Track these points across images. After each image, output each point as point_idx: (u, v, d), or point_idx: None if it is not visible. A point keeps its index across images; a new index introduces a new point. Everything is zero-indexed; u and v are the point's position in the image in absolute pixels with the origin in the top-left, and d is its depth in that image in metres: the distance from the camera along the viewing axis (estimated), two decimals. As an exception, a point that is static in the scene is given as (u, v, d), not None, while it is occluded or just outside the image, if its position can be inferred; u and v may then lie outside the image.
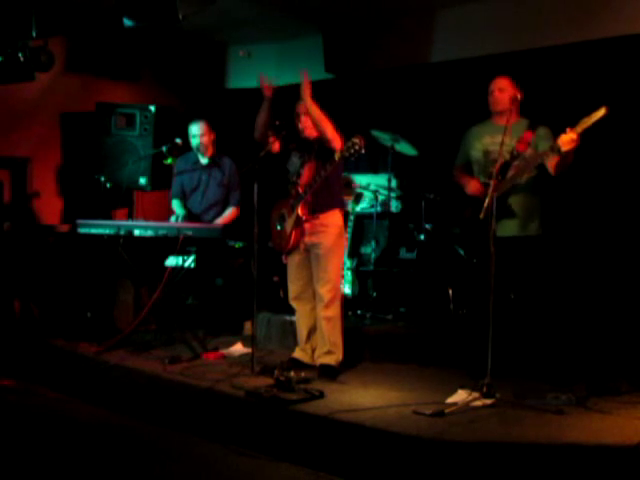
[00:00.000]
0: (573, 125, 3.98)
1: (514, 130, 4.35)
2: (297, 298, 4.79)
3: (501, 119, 4.46)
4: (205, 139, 5.76)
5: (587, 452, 3.25)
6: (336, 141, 4.43)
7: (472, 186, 4.57)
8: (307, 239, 4.62)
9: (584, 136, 3.98)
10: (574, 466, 3.21)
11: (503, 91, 4.49)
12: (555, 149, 4.02)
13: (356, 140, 4.25)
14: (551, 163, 4.25)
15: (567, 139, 3.94)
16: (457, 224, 5.35)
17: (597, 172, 5.40)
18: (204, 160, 5.89)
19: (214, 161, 5.88)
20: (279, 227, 4.74)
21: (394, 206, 6.51)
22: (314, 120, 4.52)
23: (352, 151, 4.25)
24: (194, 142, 5.77)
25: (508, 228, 4.36)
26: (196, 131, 5.75)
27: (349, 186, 6.20)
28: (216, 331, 5.73)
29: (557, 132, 4.20)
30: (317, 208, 4.60)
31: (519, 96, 4.26)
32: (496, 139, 4.36)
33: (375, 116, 6.78)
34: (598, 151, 5.06)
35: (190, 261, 5.26)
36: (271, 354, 5.23)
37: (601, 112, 3.85)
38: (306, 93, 4.48)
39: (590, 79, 5.52)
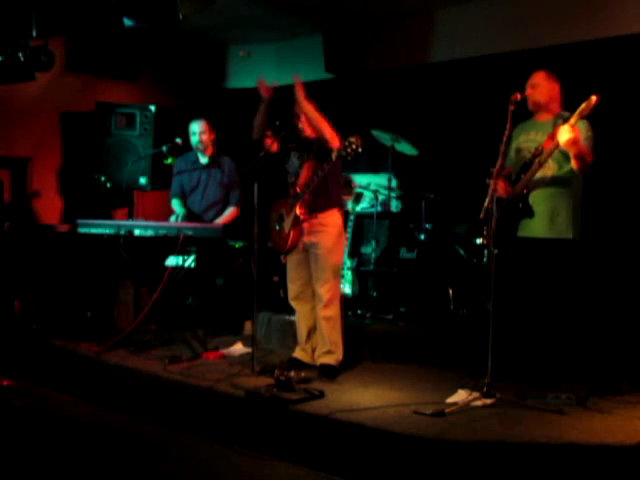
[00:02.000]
0: None
1: (548, 126, 4.19)
2: (297, 298, 4.79)
3: (540, 115, 4.30)
4: (205, 137, 5.76)
5: (587, 452, 3.25)
6: (334, 140, 4.44)
7: (497, 188, 4.32)
8: (306, 239, 4.62)
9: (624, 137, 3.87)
10: (574, 466, 3.21)
11: (536, 87, 4.25)
12: (554, 144, 3.98)
13: (353, 139, 4.26)
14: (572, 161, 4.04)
15: (562, 131, 3.85)
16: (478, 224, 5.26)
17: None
18: (204, 160, 5.88)
19: (214, 160, 5.88)
20: (278, 227, 4.74)
21: (394, 206, 6.52)
22: (310, 121, 4.54)
23: (349, 150, 4.26)
24: (194, 140, 5.77)
25: (531, 228, 4.21)
26: (196, 129, 5.75)
27: (349, 186, 6.20)
28: (216, 331, 5.73)
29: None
30: (316, 208, 4.60)
31: (518, 96, 4.12)
32: (530, 136, 4.26)
33: (375, 116, 6.79)
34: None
35: (190, 261, 5.26)
36: (271, 354, 5.23)
37: (591, 100, 3.80)
38: (300, 95, 4.49)
39: (590, 79, 5.51)
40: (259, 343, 5.28)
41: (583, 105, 3.84)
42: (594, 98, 3.79)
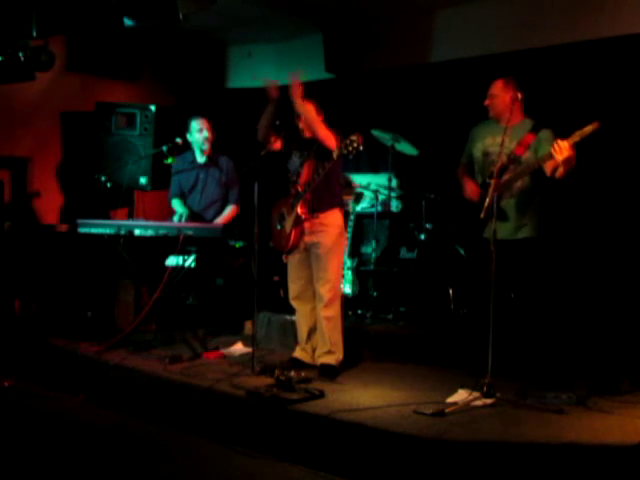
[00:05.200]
0: (572, 127, 3.98)
1: (515, 131, 4.30)
2: (297, 298, 4.79)
3: (504, 120, 4.34)
4: (208, 134, 5.76)
5: (587, 452, 3.25)
6: (329, 140, 4.43)
7: (468, 189, 4.55)
8: (307, 238, 4.62)
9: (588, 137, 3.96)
10: (574, 466, 3.21)
11: (494, 97, 4.43)
12: (550, 158, 4.02)
13: (354, 137, 4.25)
14: (551, 168, 4.15)
15: (560, 149, 3.90)
16: (461, 224, 5.30)
17: (597, 173, 5.38)
18: (201, 159, 5.88)
19: (211, 159, 5.87)
20: (279, 226, 4.74)
21: (394, 206, 6.52)
22: (305, 121, 4.54)
23: (350, 149, 4.25)
24: (196, 136, 5.72)
25: (500, 231, 4.23)
26: (198, 125, 5.73)
27: (349, 186, 6.20)
28: (216, 331, 5.73)
29: (557, 133, 4.19)
30: (317, 207, 4.60)
31: (519, 96, 4.21)
32: (497, 140, 4.31)
33: (375, 116, 6.78)
34: (598, 152, 5.03)
35: (190, 261, 5.26)
36: (271, 354, 5.23)
37: (594, 126, 3.86)
38: (296, 94, 4.48)
39: (590, 79, 5.52)
40: (259, 343, 5.28)
41: (588, 128, 3.90)
42: (598, 124, 3.86)
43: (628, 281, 5.27)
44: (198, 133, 5.74)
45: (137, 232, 5.30)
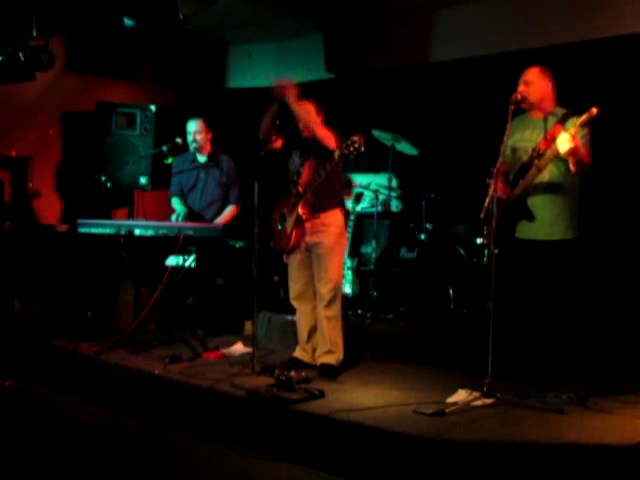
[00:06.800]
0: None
1: (545, 123, 4.13)
2: (298, 298, 4.78)
3: (534, 113, 4.23)
4: (199, 137, 5.75)
5: (587, 452, 3.24)
6: (328, 140, 4.43)
7: (497, 187, 4.24)
8: (308, 238, 4.62)
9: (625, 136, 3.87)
10: (574, 466, 3.21)
11: (529, 85, 4.16)
12: (553, 152, 3.97)
13: (356, 138, 4.25)
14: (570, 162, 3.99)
15: (562, 140, 3.82)
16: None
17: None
18: (202, 158, 5.88)
19: (212, 159, 5.87)
20: (280, 227, 4.74)
21: (395, 205, 6.52)
22: (302, 122, 4.53)
23: (352, 149, 4.25)
24: (189, 139, 5.76)
25: (528, 231, 4.18)
26: (192, 128, 5.75)
27: (349, 185, 6.20)
28: (217, 331, 5.73)
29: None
30: (318, 207, 4.60)
31: (518, 96, 4.14)
32: (526, 135, 4.21)
33: (375, 116, 6.79)
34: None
35: (190, 261, 5.26)
36: (272, 354, 5.23)
37: (589, 113, 3.79)
38: (290, 97, 4.47)
39: (590, 79, 5.52)
40: (259, 343, 5.28)
41: (584, 116, 3.82)
42: (595, 110, 3.77)
43: (627, 281, 5.26)
44: (189, 135, 5.75)
45: (137, 232, 5.30)
